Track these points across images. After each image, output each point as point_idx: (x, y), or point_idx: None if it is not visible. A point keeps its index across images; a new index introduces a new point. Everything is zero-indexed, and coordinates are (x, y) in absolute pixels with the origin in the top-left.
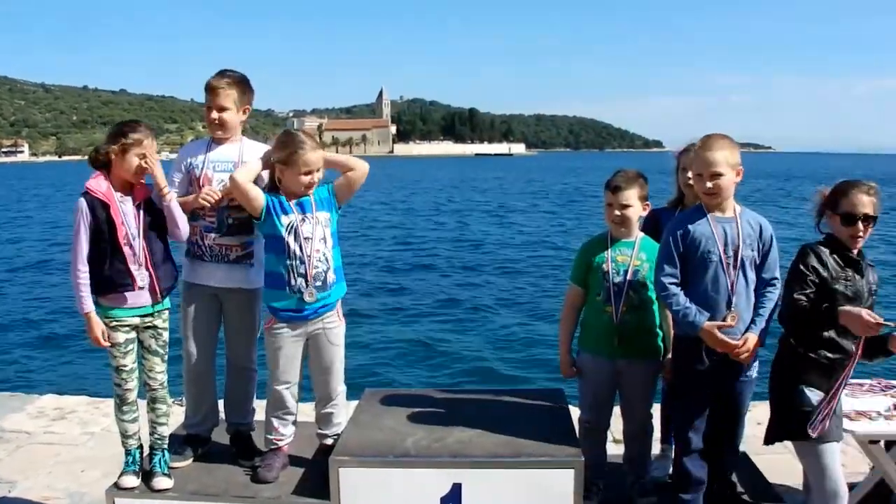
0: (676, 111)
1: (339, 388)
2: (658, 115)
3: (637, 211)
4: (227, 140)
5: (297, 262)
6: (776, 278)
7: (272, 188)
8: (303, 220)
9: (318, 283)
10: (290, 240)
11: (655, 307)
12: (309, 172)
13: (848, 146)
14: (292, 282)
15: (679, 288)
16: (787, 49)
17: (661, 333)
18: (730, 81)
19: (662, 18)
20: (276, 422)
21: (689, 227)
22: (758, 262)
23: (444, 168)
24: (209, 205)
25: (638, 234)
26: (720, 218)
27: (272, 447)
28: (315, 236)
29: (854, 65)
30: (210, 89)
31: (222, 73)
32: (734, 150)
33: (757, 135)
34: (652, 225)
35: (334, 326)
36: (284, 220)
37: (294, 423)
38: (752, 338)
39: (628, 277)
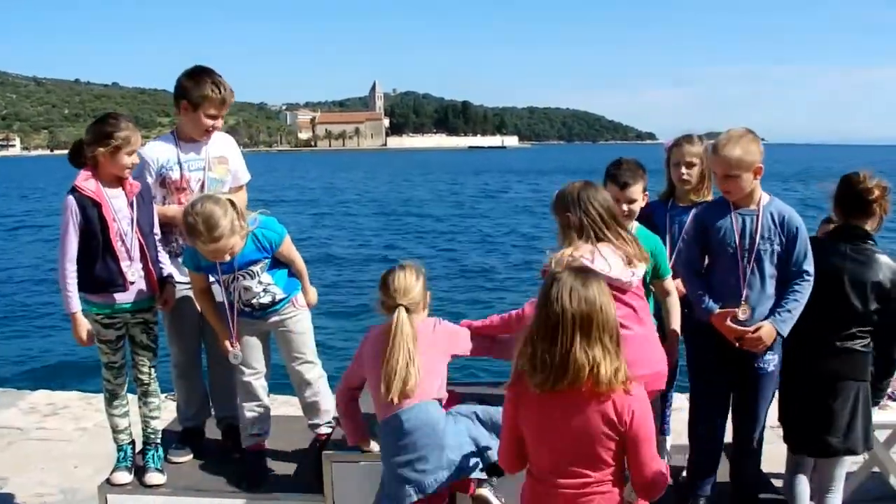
0: (669, 103)
1: (315, 373)
2: (651, 106)
3: (640, 204)
4: (195, 139)
5: (241, 304)
6: (805, 271)
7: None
8: (232, 278)
9: (265, 307)
10: (229, 291)
11: (651, 296)
12: (215, 252)
13: (841, 137)
14: (239, 310)
15: (696, 275)
16: (780, 40)
17: (656, 322)
18: (723, 72)
19: (656, 8)
20: (249, 415)
21: (711, 216)
22: (781, 255)
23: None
24: None
25: (634, 225)
26: (743, 210)
27: (250, 444)
28: (252, 286)
29: (848, 54)
30: (223, 102)
31: (222, 82)
32: (750, 149)
33: (749, 126)
34: (644, 219)
35: (294, 315)
36: (215, 277)
37: (269, 418)
38: (766, 328)
39: None
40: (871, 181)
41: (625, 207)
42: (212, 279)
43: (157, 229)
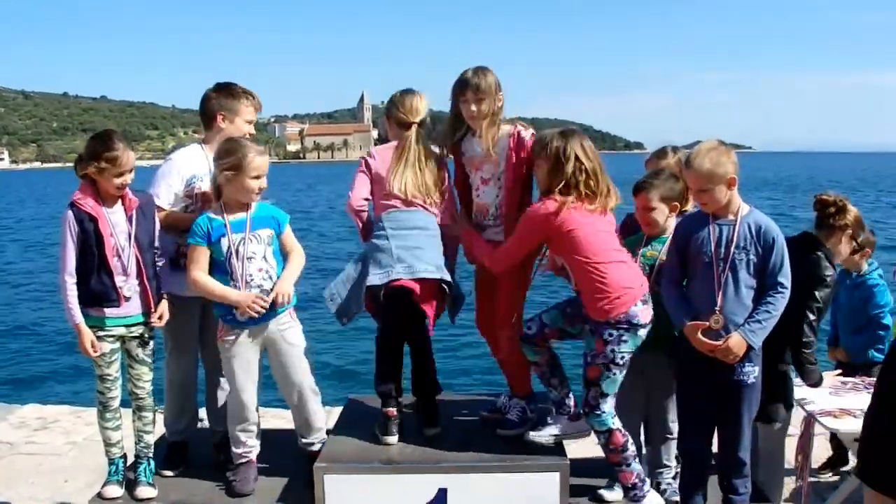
0: (658, 111)
1: (309, 388)
2: (640, 115)
3: (662, 212)
4: None
5: (241, 283)
6: (780, 283)
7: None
8: (242, 240)
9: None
10: (231, 262)
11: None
12: (258, 177)
13: (828, 145)
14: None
15: (674, 285)
16: (768, 47)
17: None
18: (711, 80)
19: (645, 17)
20: (241, 435)
21: (691, 227)
22: (758, 265)
23: None
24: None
25: (671, 231)
26: (721, 220)
27: (242, 461)
28: (257, 255)
29: (837, 60)
30: (256, 109)
31: (252, 91)
32: (721, 161)
33: (738, 134)
34: (629, 230)
35: (289, 327)
36: (224, 242)
37: (259, 432)
38: (734, 338)
39: (654, 272)
40: (826, 197)
41: (640, 214)
42: (224, 243)
43: (157, 243)
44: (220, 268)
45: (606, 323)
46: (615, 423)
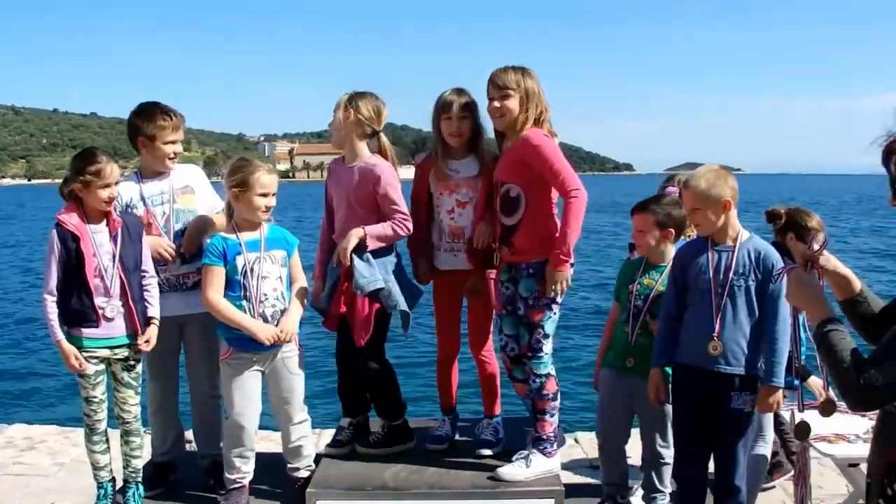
0: (647, 134)
1: (302, 417)
2: (629, 137)
3: (652, 237)
4: (157, 172)
5: (255, 302)
6: (779, 311)
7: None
8: (257, 259)
9: (276, 322)
10: (246, 280)
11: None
12: (265, 195)
13: (818, 167)
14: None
15: (669, 320)
16: (758, 70)
17: None
18: (700, 102)
19: (631, 39)
20: (236, 461)
21: (690, 253)
22: (757, 290)
23: None
24: (169, 258)
25: (670, 261)
26: (720, 246)
27: (234, 486)
28: (272, 275)
29: (824, 86)
30: (177, 127)
31: (171, 109)
32: (717, 184)
33: (727, 157)
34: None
35: (293, 355)
36: (240, 260)
37: (253, 457)
38: (764, 394)
39: (648, 302)
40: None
41: (633, 236)
42: (239, 261)
43: (146, 266)
44: (233, 286)
45: None
46: (553, 368)
